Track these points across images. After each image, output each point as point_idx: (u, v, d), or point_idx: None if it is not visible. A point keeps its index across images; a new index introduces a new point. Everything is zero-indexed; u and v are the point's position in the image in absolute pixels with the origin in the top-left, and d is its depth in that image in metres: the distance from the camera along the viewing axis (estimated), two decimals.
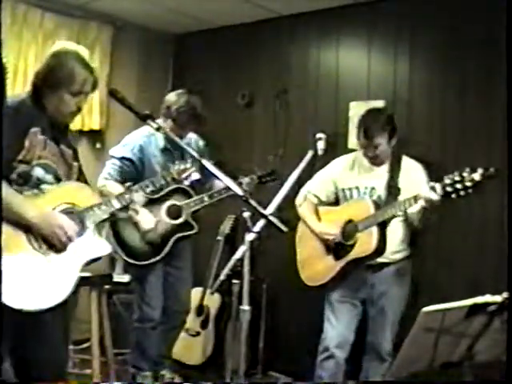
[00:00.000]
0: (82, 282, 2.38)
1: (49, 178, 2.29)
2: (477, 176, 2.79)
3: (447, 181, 2.86)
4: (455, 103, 3.70)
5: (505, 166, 3.18)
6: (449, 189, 2.85)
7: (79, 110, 2.40)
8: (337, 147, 4.06)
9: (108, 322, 3.64)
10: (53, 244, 2.23)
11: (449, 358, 2.10)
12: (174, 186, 3.60)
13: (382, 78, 4.02)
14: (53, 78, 2.33)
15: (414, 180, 3.25)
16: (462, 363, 2.11)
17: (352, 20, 4.15)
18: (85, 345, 4.05)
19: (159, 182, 2.86)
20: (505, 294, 1.98)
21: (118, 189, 3.30)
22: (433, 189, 2.90)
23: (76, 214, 2.31)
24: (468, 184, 2.80)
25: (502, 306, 1.98)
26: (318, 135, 4.13)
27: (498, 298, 1.99)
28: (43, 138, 2.27)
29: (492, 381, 2.23)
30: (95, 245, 2.37)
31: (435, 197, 2.88)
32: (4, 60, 2.14)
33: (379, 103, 3.90)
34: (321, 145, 4.11)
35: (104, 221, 2.41)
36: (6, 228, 2.11)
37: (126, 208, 2.49)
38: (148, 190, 2.63)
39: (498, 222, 3.40)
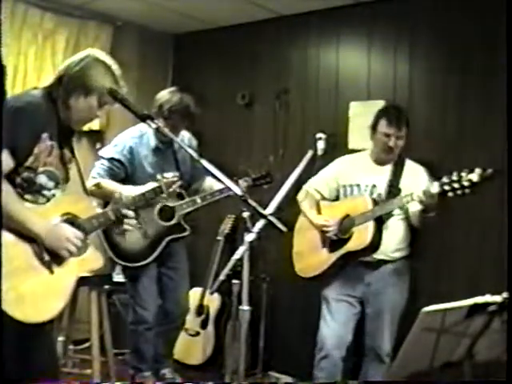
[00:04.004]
0: (82, 281, 2.37)
1: (50, 184, 2.27)
2: (474, 177, 2.82)
3: (445, 179, 2.91)
4: (455, 103, 3.69)
5: (505, 166, 3.18)
6: (446, 187, 2.90)
7: (96, 118, 2.40)
8: (337, 147, 4.06)
9: (108, 321, 3.64)
10: (60, 255, 2.20)
11: (449, 358, 2.09)
12: None
13: (382, 78, 4.02)
14: (88, 83, 2.28)
15: (416, 183, 3.27)
16: (462, 363, 2.11)
17: (352, 20, 4.15)
18: (85, 345, 4.06)
19: (151, 196, 2.87)
20: (505, 294, 1.98)
21: (112, 185, 3.41)
22: (430, 185, 2.96)
23: (77, 225, 2.29)
24: (465, 184, 2.83)
25: (502, 306, 1.98)
26: (318, 135, 4.13)
27: (497, 298, 1.99)
28: (50, 143, 2.23)
29: (492, 381, 2.22)
30: (92, 257, 2.35)
31: (432, 189, 2.93)
32: (4, 60, 2.10)
33: (379, 103, 3.90)
34: (321, 145, 4.11)
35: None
36: (10, 237, 2.09)
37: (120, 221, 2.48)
38: (141, 203, 2.67)
39: (497, 222, 3.40)
